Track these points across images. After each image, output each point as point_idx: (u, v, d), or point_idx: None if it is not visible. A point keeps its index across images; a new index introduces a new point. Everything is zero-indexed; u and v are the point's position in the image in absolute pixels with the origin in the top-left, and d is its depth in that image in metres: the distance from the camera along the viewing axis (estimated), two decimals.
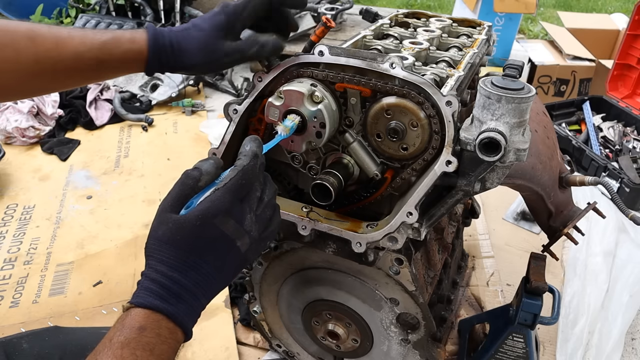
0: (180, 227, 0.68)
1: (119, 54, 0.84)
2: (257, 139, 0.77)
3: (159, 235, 0.69)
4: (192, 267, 0.69)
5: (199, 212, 0.68)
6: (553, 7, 5.82)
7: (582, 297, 1.61)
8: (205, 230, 0.68)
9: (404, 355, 1.14)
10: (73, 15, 4.51)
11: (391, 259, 0.96)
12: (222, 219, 0.69)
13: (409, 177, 0.90)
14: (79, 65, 0.83)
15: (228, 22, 0.85)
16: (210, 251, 0.70)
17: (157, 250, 0.69)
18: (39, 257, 1.85)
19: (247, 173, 0.72)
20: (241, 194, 0.72)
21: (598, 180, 1.20)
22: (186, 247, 0.68)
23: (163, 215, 0.70)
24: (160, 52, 0.85)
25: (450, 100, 0.80)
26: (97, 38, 0.83)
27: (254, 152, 0.74)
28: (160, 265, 0.68)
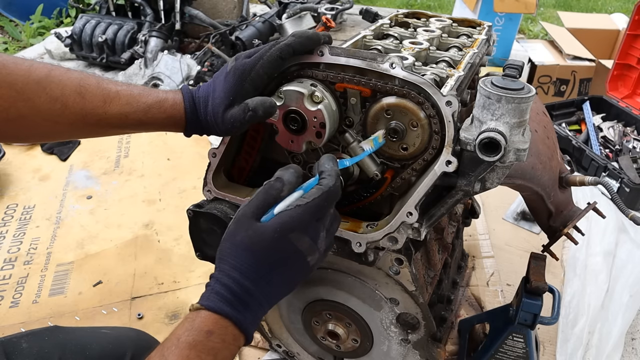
0: (258, 235, 0.69)
1: (162, 120, 0.85)
2: (333, 157, 0.78)
3: (236, 240, 0.70)
4: (263, 277, 0.70)
5: (278, 225, 0.69)
6: (553, 7, 5.82)
7: (582, 297, 1.61)
8: (281, 243, 0.69)
9: (404, 355, 1.14)
10: (73, 15, 4.52)
11: (391, 259, 0.96)
12: (299, 235, 0.70)
13: (409, 177, 0.90)
14: (123, 124, 0.84)
15: (236, 85, 0.83)
16: (283, 264, 0.71)
17: (232, 255, 0.70)
18: (39, 257, 1.85)
19: (332, 195, 0.73)
20: (320, 214, 0.73)
21: (598, 180, 1.20)
22: (261, 257, 0.69)
23: (243, 220, 0.71)
24: (195, 120, 0.86)
25: (450, 100, 0.80)
26: (143, 101, 0.83)
27: (337, 172, 0.75)
28: (234, 271, 0.69)
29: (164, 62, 3.06)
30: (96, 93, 0.82)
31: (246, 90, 0.83)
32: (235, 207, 0.95)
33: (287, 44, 0.84)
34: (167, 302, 1.67)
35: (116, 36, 3.30)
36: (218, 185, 0.97)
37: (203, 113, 0.85)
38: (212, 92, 0.84)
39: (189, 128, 0.87)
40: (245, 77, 0.83)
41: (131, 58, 3.23)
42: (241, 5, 3.77)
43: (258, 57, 0.83)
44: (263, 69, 0.83)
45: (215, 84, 0.85)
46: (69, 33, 3.39)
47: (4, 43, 4.22)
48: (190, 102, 0.85)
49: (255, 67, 0.83)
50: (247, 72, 0.83)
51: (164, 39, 3.24)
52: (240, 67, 0.83)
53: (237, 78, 0.83)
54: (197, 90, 0.87)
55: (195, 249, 1.01)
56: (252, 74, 0.83)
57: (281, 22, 3.21)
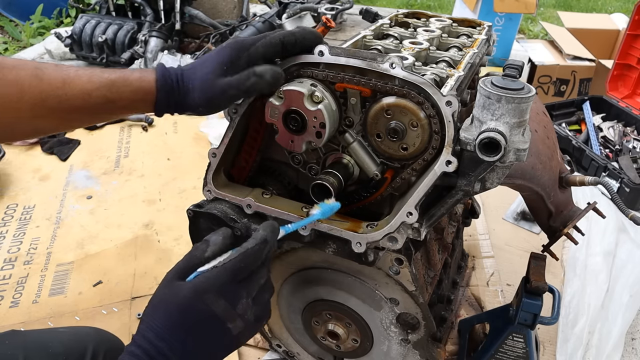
0: (173, 295, 0.68)
1: (128, 93, 0.81)
2: (274, 224, 0.76)
3: (154, 300, 0.70)
4: (178, 340, 0.67)
5: (192, 285, 0.68)
6: (553, 7, 5.82)
7: (582, 297, 1.61)
8: (195, 305, 0.68)
9: (404, 355, 1.14)
10: (73, 15, 4.52)
11: (391, 259, 0.96)
12: (213, 297, 0.68)
13: (409, 177, 0.90)
14: (87, 105, 0.80)
15: (231, 56, 0.80)
16: (198, 328, 0.68)
17: (149, 315, 0.69)
18: (39, 257, 1.85)
19: (249, 257, 0.71)
20: (239, 276, 0.71)
21: (598, 180, 1.20)
22: (175, 318, 0.67)
23: (165, 281, 0.70)
24: (168, 91, 0.81)
25: (450, 100, 0.80)
26: (106, 77, 0.80)
27: (262, 238, 0.73)
28: (149, 331, 0.67)
29: (164, 62, 3.06)
30: (54, 75, 0.78)
31: (241, 65, 0.81)
32: (235, 207, 0.95)
33: (291, 32, 0.84)
34: None
35: (116, 36, 3.30)
36: (218, 185, 0.97)
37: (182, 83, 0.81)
38: (201, 63, 0.81)
39: (160, 102, 0.82)
40: (242, 51, 0.80)
41: (131, 58, 3.23)
42: (241, 5, 3.77)
43: (260, 36, 0.82)
44: (263, 47, 0.81)
45: (205, 57, 0.83)
46: (69, 33, 3.39)
47: (4, 43, 4.22)
48: (164, 74, 0.81)
49: (255, 43, 0.81)
50: (246, 47, 0.81)
51: (164, 39, 3.24)
52: (239, 41, 0.81)
53: (234, 50, 0.80)
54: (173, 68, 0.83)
55: None
56: (251, 50, 0.81)
57: (281, 22, 3.21)
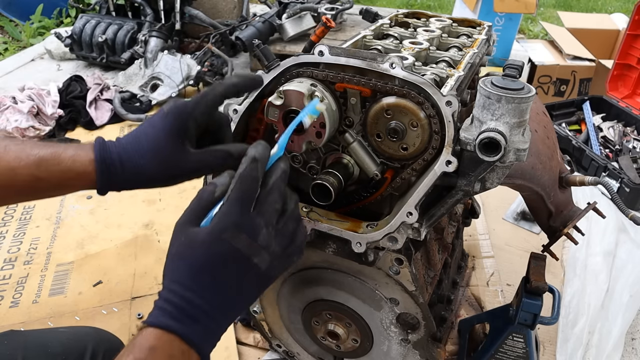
0: (191, 242, 0.64)
1: (58, 173, 0.75)
2: (261, 143, 0.70)
3: (172, 251, 0.66)
4: (206, 288, 0.64)
5: (208, 228, 0.65)
6: (553, 7, 5.82)
7: (582, 297, 1.61)
8: (216, 246, 0.64)
9: (404, 355, 1.14)
10: (73, 15, 4.52)
11: (391, 259, 0.96)
12: (231, 233, 0.64)
13: (409, 177, 0.90)
14: (13, 183, 0.74)
15: (181, 127, 0.75)
16: (225, 270, 0.65)
17: (170, 267, 0.66)
18: (39, 257, 1.85)
19: (246, 180, 0.66)
20: (247, 204, 0.66)
21: (598, 180, 1.20)
22: (198, 266, 0.64)
23: (177, 229, 0.67)
24: (109, 172, 0.76)
25: (450, 100, 0.80)
26: (34, 153, 0.74)
27: (252, 157, 0.67)
28: (173, 284, 0.64)
29: (164, 62, 3.06)
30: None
31: (191, 133, 0.76)
32: None
33: (233, 84, 0.80)
34: None
35: (116, 36, 3.30)
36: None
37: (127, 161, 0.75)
38: (145, 135, 0.76)
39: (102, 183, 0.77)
40: (187, 117, 0.76)
41: (131, 58, 3.23)
42: (241, 5, 3.77)
43: (200, 97, 0.78)
44: (206, 108, 0.78)
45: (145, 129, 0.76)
46: (69, 33, 3.39)
47: (4, 43, 4.23)
48: (102, 152, 0.75)
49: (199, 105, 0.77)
50: (188, 112, 0.76)
51: (164, 39, 3.24)
52: (180, 107, 0.76)
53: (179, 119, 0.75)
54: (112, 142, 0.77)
55: None
56: (196, 112, 0.76)
57: (281, 22, 3.21)
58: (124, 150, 0.76)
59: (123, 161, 0.76)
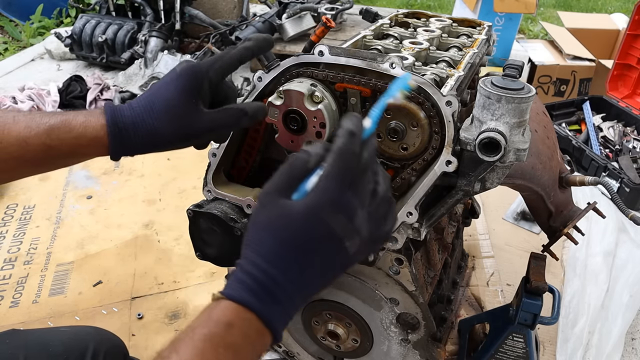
0: (285, 216, 0.59)
1: (70, 140, 0.74)
2: (355, 115, 0.64)
3: (258, 221, 0.60)
4: (293, 266, 0.59)
5: (305, 203, 0.59)
6: (553, 7, 5.82)
7: (582, 297, 1.61)
8: (312, 225, 0.59)
9: (404, 355, 1.14)
10: (73, 15, 4.52)
11: (391, 259, 0.96)
12: (330, 212, 0.59)
13: (409, 177, 0.90)
14: (25, 153, 0.73)
15: (194, 84, 0.74)
16: (316, 250, 0.60)
17: (256, 240, 0.60)
18: (39, 257, 1.85)
19: (346, 155, 0.60)
20: (346, 181, 0.60)
21: (598, 180, 1.20)
22: (289, 242, 0.59)
23: (266, 198, 0.61)
24: (122, 135, 0.74)
25: (450, 100, 0.80)
26: (44, 122, 0.73)
27: (349, 131, 0.61)
28: (258, 258, 0.59)
29: (164, 62, 3.06)
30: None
31: (205, 93, 0.75)
32: (235, 207, 0.95)
33: (245, 47, 0.79)
34: (167, 302, 1.67)
35: (116, 36, 3.30)
36: (218, 185, 0.97)
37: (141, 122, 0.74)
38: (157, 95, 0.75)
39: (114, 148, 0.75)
40: (201, 77, 0.75)
41: (131, 58, 3.23)
42: (241, 5, 3.77)
43: (216, 58, 0.77)
44: (222, 69, 0.77)
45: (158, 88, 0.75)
46: (69, 33, 3.39)
47: (4, 43, 4.23)
48: (114, 115, 0.74)
49: (213, 66, 0.76)
50: (204, 72, 0.75)
51: (164, 39, 3.24)
52: (194, 67, 0.74)
53: (193, 78, 0.74)
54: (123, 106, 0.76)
55: (195, 249, 1.01)
56: (211, 73, 0.75)
57: (281, 22, 3.21)
58: (136, 112, 0.75)
59: (136, 123, 0.74)
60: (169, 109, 0.74)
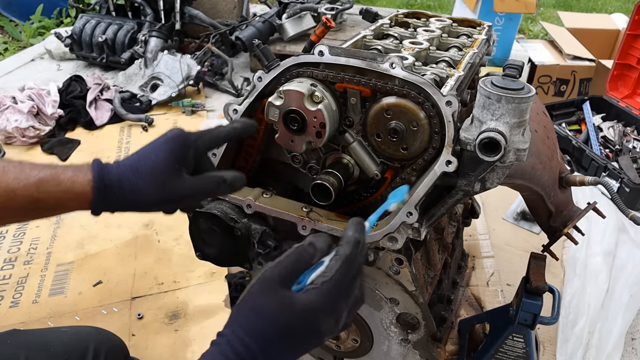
0: (286, 308, 0.65)
1: (57, 193, 0.75)
2: (361, 222, 0.72)
3: (258, 304, 0.66)
4: (277, 350, 0.66)
5: (307, 303, 0.66)
6: (553, 7, 5.82)
7: (582, 297, 1.61)
8: (307, 323, 0.66)
9: (404, 355, 1.14)
10: (73, 15, 4.52)
11: (391, 259, 0.96)
12: (325, 316, 0.67)
13: (409, 177, 0.90)
14: (12, 203, 0.75)
15: (181, 152, 0.77)
16: (300, 342, 0.68)
17: (252, 320, 0.66)
18: (39, 257, 1.85)
19: (350, 264, 0.68)
20: (344, 288, 0.69)
21: (598, 180, 1.20)
22: (282, 331, 0.65)
23: (270, 284, 0.67)
24: (107, 192, 0.76)
25: (450, 100, 0.80)
26: (34, 174, 0.75)
27: (356, 240, 0.70)
28: (249, 338, 0.65)
29: (164, 62, 3.06)
30: None
31: (189, 159, 0.79)
32: (235, 207, 0.95)
33: (233, 128, 0.83)
34: (167, 302, 1.67)
35: (116, 36, 3.30)
36: None
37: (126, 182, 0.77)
38: (145, 158, 0.78)
39: (96, 204, 0.77)
40: (190, 146, 0.79)
41: (131, 58, 3.23)
42: (241, 5, 3.77)
43: (205, 131, 0.81)
44: (209, 142, 0.81)
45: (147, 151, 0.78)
46: (69, 33, 3.39)
47: (4, 43, 4.23)
48: (101, 173, 0.76)
49: (201, 138, 0.80)
50: (192, 142, 0.79)
51: (164, 39, 3.24)
52: (185, 136, 0.79)
53: (182, 146, 0.78)
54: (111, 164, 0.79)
55: (195, 249, 1.01)
56: (198, 143, 0.80)
57: (281, 22, 3.21)
58: (122, 171, 0.77)
59: (121, 181, 0.77)
60: (154, 172, 0.77)
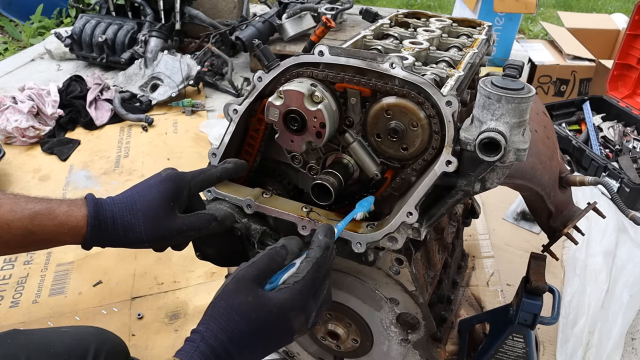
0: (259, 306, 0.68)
1: (52, 227, 0.77)
2: (331, 228, 0.77)
3: (234, 303, 0.68)
4: (249, 346, 0.69)
5: (280, 302, 0.69)
6: (553, 7, 5.82)
7: (582, 297, 1.61)
8: (278, 320, 0.69)
9: (404, 355, 1.14)
10: (73, 15, 4.52)
11: (391, 259, 0.96)
12: (297, 314, 0.71)
13: (409, 177, 0.90)
14: (6, 235, 0.76)
15: (176, 191, 0.81)
16: (272, 338, 0.71)
17: (226, 317, 0.68)
18: (39, 257, 1.85)
19: (320, 267, 0.73)
20: (314, 289, 0.73)
21: (598, 180, 1.20)
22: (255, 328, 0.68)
23: (244, 283, 0.70)
24: (101, 229, 0.78)
25: (450, 100, 0.80)
26: (29, 207, 0.77)
27: (326, 244, 0.75)
28: (223, 334, 0.67)
29: (164, 62, 3.06)
30: None
31: (183, 200, 0.83)
32: (235, 207, 0.95)
33: (225, 169, 0.88)
34: (167, 302, 1.67)
35: (116, 36, 3.30)
36: (218, 185, 0.97)
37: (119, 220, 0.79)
38: (140, 197, 0.81)
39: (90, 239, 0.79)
40: (184, 186, 0.82)
41: (131, 58, 3.23)
42: (241, 5, 3.77)
43: (199, 172, 0.85)
44: (202, 182, 0.85)
45: (142, 189, 0.82)
46: (69, 33, 3.39)
47: (4, 43, 4.23)
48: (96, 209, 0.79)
49: (195, 178, 0.84)
50: (187, 182, 0.83)
51: (164, 39, 3.24)
52: (180, 176, 0.83)
53: (176, 186, 0.81)
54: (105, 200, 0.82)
55: (195, 249, 1.01)
56: (192, 184, 0.84)
57: (281, 22, 3.21)
58: (117, 207, 0.80)
59: (115, 218, 0.79)
60: (147, 210, 0.80)
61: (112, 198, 0.82)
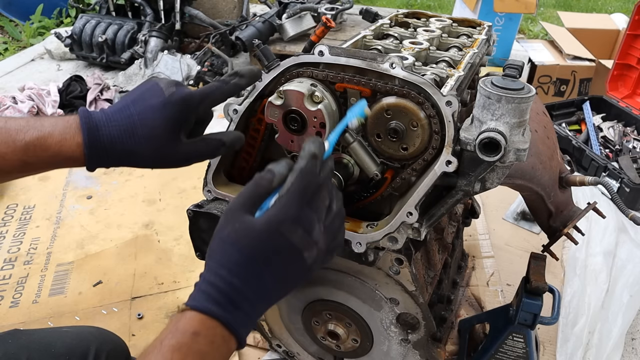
0: (246, 229, 0.64)
1: (47, 158, 0.75)
2: (318, 139, 0.71)
3: (223, 235, 0.65)
4: (254, 275, 0.64)
5: (266, 218, 0.64)
6: (553, 7, 5.82)
7: (582, 297, 1.61)
8: (271, 237, 0.64)
9: (404, 355, 1.14)
10: (73, 15, 4.52)
11: (391, 259, 0.96)
12: (290, 226, 0.65)
13: (409, 177, 0.90)
14: (3, 166, 0.75)
15: (183, 118, 0.76)
16: (275, 260, 0.65)
17: (220, 251, 0.65)
18: (39, 257, 1.85)
19: (307, 175, 0.66)
20: (306, 199, 0.66)
21: (598, 180, 1.20)
22: (250, 253, 0.64)
23: (231, 213, 0.66)
24: (99, 156, 0.76)
25: (450, 100, 0.80)
26: (20, 139, 0.74)
27: (311, 153, 0.68)
28: (221, 268, 0.64)
29: (164, 62, 3.06)
30: None
31: (190, 124, 0.78)
32: None
33: (238, 85, 0.82)
34: (167, 302, 1.67)
35: (116, 36, 3.30)
36: (218, 185, 0.97)
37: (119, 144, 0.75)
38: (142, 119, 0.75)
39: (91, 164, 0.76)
40: (192, 110, 0.77)
41: (131, 58, 3.23)
42: (241, 5, 3.77)
43: (205, 94, 0.79)
44: (210, 104, 0.80)
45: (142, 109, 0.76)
46: (69, 33, 3.39)
47: (4, 43, 4.23)
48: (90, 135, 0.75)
49: (204, 101, 0.78)
50: (194, 106, 0.77)
51: (164, 39, 3.24)
52: (187, 99, 0.77)
53: (184, 110, 0.76)
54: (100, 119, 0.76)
55: (195, 249, 1.01)
56: (201, 107, 0.78)
57: (281, 22, 3.21)
58: (115, 130, 0.75)
59: (114, 143, 0.75)
60: (151, 138, 0.75)
61: (108, 116, 0.76)
